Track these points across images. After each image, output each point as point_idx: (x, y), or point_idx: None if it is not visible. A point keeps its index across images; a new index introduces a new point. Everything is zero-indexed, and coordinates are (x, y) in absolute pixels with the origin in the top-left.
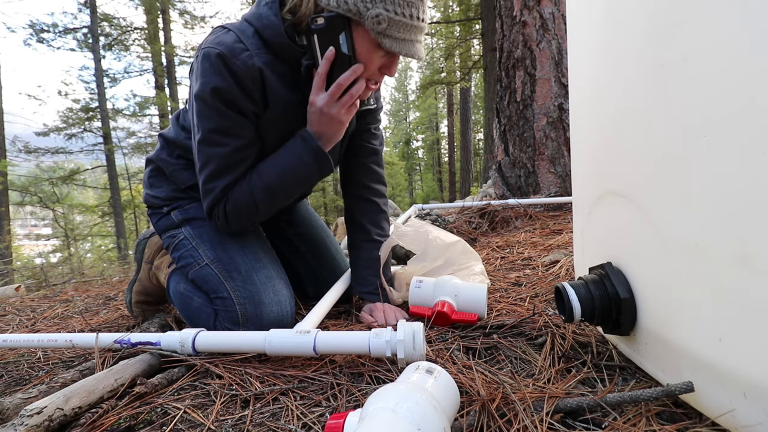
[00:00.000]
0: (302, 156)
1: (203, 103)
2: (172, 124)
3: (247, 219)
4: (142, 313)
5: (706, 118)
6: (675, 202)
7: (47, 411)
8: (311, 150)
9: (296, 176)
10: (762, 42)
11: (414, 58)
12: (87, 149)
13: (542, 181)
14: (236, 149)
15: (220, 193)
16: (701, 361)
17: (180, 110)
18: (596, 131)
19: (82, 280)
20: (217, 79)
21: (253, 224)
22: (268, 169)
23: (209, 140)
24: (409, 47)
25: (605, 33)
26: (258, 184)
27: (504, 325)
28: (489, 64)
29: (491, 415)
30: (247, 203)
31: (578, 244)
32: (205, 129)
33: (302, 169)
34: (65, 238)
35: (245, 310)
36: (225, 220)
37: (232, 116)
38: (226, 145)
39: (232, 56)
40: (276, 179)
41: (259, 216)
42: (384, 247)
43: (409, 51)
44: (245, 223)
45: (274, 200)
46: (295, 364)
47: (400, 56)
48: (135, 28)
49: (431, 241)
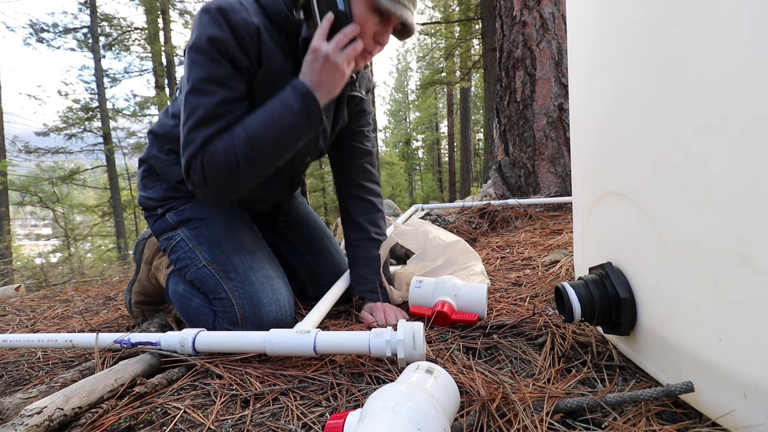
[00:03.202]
0: (290, 103)
1: (197, 52)
2: (160, 118)
3: (227, 177)
4: (142, 313)
5: (706, 118)
6: (675, 202)
7: (47, 411)
8: (300, 95)
9: (282, 126)
10: (762, 42)
11: (407, 23)
12: (87, 149)
13: (542, 181)
14: (224, 100)
15: (200, 145)
16: (701, 361)
17: (169, 104)
18: (596, 131)
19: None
20: (214, 29)
21: (233, 189)
22: (252, 119)
23: (198, 89)
24: (403, 10)
25: (605, 33)
26: (240, 133)
27: (504, 325)
28: (489, 64)
29: (491, 415)
30: (227, 154)
31: (578, 244)
32: (196, 78)
33: (289, 117)
34: (65, 238)
35: (243, 310)
36: (202, 175)
37: (225, 66)
38: (214, 94)
39: (231, 11)
40: (260, 129)
41: (239, 175)
42: (383, 247)
43: (403, 14)
44: (224, 183)
45: (256, 154)
46: (295, 364)
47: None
48: (135, 28)
49: (431, 241)
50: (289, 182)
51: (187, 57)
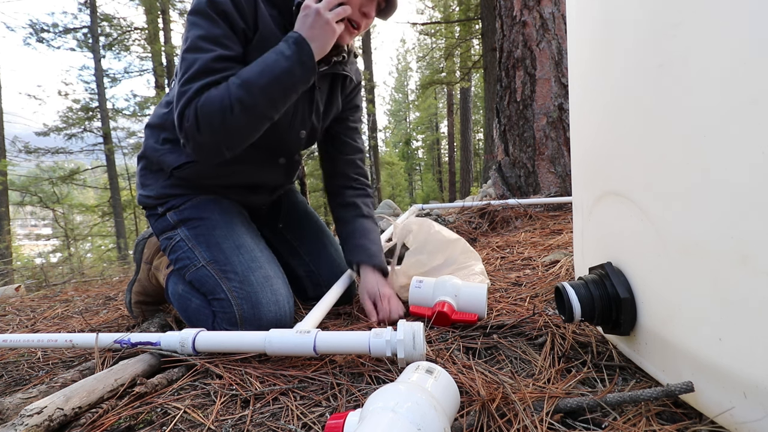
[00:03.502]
0: (283, 50)
1: (196, 15)
2: (155, 110)
3: (220, 123)
4: (142, 313)
5: (706, 118)
6: (675, 202)
7: (47, 411)
8: (293, 41)
9: (276, 70)
10: (762, 41)
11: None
12: (87, 149)
13: (542, 181)
14: (221, 57)
15: (195, 93)
16: (701, 361)
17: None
18: (596, 131)
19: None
20: None
21: (227, 139)
22: (247, 69)
23: (196, 46)
24: None
25: (605, 33)
26: (235, 81)
27: (504, 325)
28: (489, 64)
29: (491, 415)
30: (221, 99)
31: (578, 244)
32: (195, 36)
33: (282, 62)
34: (65, 238)
35: (242, 311)
36: (195, 122)
37: (223, 26)
38: (211, 51)
39: None
40: (254, 74)
41: (234, 122)
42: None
43: None
44: (218, 130)
45: (251, 98)
46: (295, 364)
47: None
48: (135, 28)
49: (432, 235)
50: (285, 165)
51: (186, 22)
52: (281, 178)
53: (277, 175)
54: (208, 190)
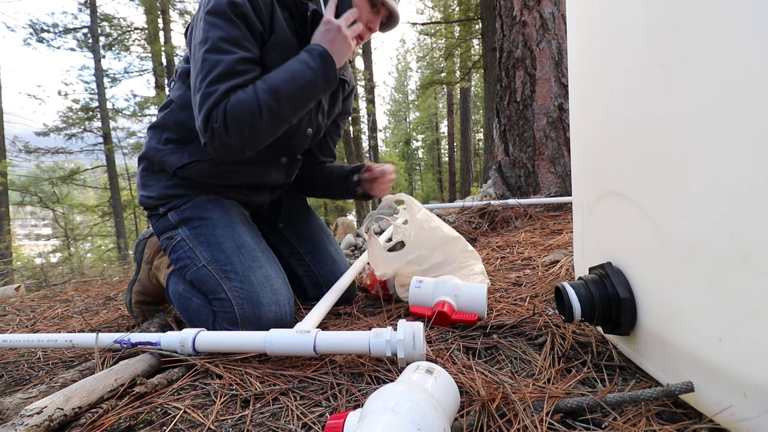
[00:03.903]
0: (308, 61)
1: (216, 15)
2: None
3: (249, 126)
4: (142, 313)
5: (707, 118)
6: (675, 202)
7: (47, 411)
8: (318, 54)
9: (302, 81)
10: (762, 41)
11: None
12: (87, 149)
13: (542, 181)
14: (243, 59)
15: (222, 94)
16: (701, 361)
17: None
18: (596, 131)
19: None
20: None
21: (251, 141)
22: (273, 75)
23: (218, 47)
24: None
25: (605, 33)
26: (263, 86)
27: (504, 325)
28: (489, 64)
29: (491, 415)
30: (250, 103)
31: (578, 244)
32: (216, 37)
33: (308, 73)
34: (65, 238)
35: (243, 310)
36: (224, 124)
37: (242, 28)
38: (234, 53)
39: None
40: (282, 82)
41: (262, 127)
42: None
43: (392, 6)
44: (245, 132)
45: (278, 104)
46: (295, 364)
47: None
48: (135, 28)
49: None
50: (287, 164)
51: (203, 21)
52: (282, 177)
53: (279, 175)
54: (209, 191)
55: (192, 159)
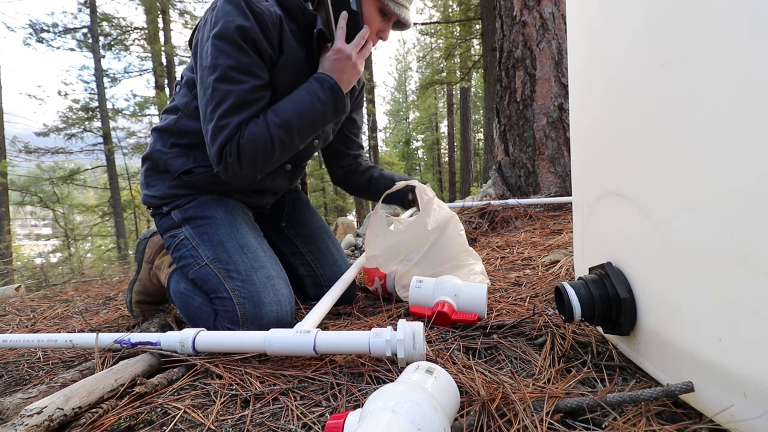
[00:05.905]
0: (318, 94)
1: (224, 41)
2: (164, 114)
3: (261, 159)
4: (142, 313)
5: (707, 118)
6: (675, 201)
7: (47, 411)
8: (328, 87)
9: (312, 114)
10: (762, 41)
11: (405, 21)
12: (87, 149)
13: (542, 181)
14: (253, 88)
15: (235, 128)
16: (701, 361)
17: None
18: (596, 131)
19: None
20: (241, 19)
21: (262, 170)
22: (284, 107)
23: (227, 77)
24: (404, 11)
25: (605, 33)
26: (275, 120)
27: (504, 325)
28: (489, 64)
29: (491, 415)
30: (263, 138)
31: (578, 244)
32: (225, 66)
33: (319, 107)
34: (65, 238)
35: (245, 310)
36: (237, 158)
37: (252, 55)
38: (244, 82)
39: (254, 1)
40: (294, 115)
41: (273, 158)
42: None
43: (403, 14)
44: (258, 164)
45: (289, 138)
46: (295, 364)
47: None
48: (135, 28)
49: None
50: (291, 171)
51: (211, 45)
52: (286, 183)
53: (283, 181)
54: (213, 192)
55: (197, 164)
